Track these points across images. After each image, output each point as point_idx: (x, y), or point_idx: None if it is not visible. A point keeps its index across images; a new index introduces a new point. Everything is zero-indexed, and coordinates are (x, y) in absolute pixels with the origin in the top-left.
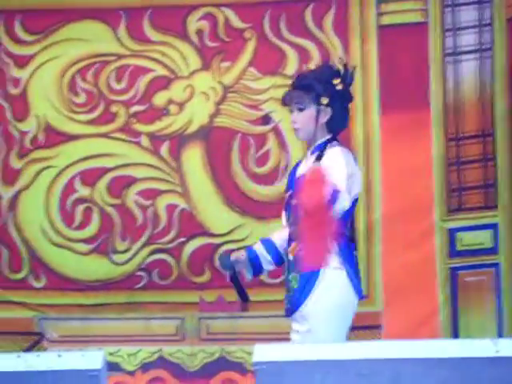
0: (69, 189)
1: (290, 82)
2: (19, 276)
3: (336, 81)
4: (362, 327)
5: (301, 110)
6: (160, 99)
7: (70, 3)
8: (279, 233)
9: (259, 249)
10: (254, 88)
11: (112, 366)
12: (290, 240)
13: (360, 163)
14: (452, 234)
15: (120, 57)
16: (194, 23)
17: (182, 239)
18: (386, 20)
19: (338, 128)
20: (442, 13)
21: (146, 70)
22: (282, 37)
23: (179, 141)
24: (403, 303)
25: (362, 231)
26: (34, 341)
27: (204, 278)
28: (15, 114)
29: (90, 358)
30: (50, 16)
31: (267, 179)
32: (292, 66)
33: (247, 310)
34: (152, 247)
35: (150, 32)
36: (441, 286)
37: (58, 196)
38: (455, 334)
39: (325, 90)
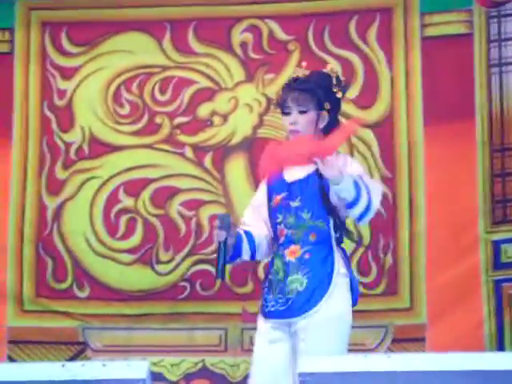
0: (113, 199)
1: None
2: (63, 286)
3: (336, 88)
4: (406, 339)
5: (303, 112)
6: (204, 111)
7: (116, 15)
8: (257, 230)
9: (243, 236)
10: None
11: (155, 376)
12: (289, 242)
13: (404, 174)
14: (496, 246)
15: (164, 68)
16: (238, 35)
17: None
18: (430, 31)
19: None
20: (487, 24)
21: (191, 82)
22: (325, 49)
23: (223, 152)
24: (448, 316)
25: (405, 243)
26: (78, 350)
27: (247, 288)
28: (61, 125)
29: (135, 368)
30: (95, 28)
31: None
32: None
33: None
34: (195, 258)
35: (194, 44)
36: (485, 298)
37: (101, 206)
38: (500, 347)
39: (326, 95)
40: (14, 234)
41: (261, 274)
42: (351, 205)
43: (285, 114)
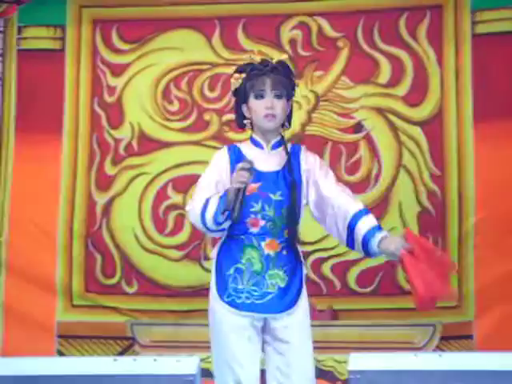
0: (161, 195)
1: (382, 90)
2: (112, 281)
3: (293, 77)
4: (454, 337)
5: (278, 97)
6: None
7: (166, 13)
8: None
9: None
10: (346, 97)
11: (203, 372)
12: (265, 234)
13: (453, 171)
14: None
15: (214, 65)
16: (287, 32)
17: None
18: (481, 29)
19: (288, 126)
20: None
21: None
22: (375, 46)
23: None
24: (496, 313)
25: (454, 241)
26: (126, 345)
27: None
28: (110, 121)
29: (186, 364)
30: (145, 25)
31: (358, 187)
32: (385, 75)
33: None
34: None
35: (243, 41)
36: None
37: (150, 202)
38: None
39: (292, 84)
40: (63, 230)
41: (308, 272)
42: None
43: (256, 97)
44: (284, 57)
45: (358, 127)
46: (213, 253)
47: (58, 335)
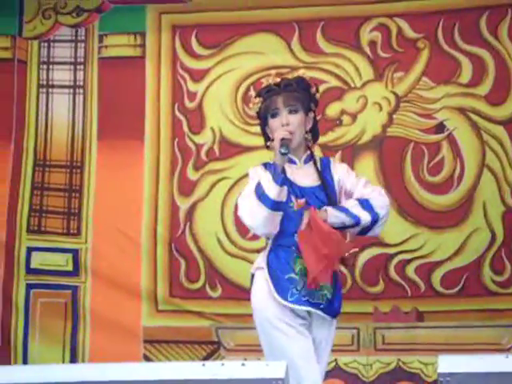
0: None
1: (464, 90)
2: (196, 286)
3: (313, 90)
4: None
5: (293, 112)
6: (333, 110)
7: (244, 17)
8: None
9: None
10: (427, 97)
11: None
12: None
13: None
14: None
15: (293, 69)
16: (366, 34)
17: (356, 249)
18: None
19: (315, 139)
20: None
21: (319, 82)
22: (455, 46)
23: (352, 151)
24: None
25: None
26: (212, 350)
27: (378, 288)
28: (191, 127)
29: (274, 368)
30: (224, 30)
31: (441, 188)
32: (466, 75)
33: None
34: None
35: (322, 44)
36: None
37: (233, 207)
38: None
39: (310, 97)
40: (147, 235)
41: (392, 274)
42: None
43: (272, 116)
44: (301, 72)
45: (439, 128)
46: (258, 262)
47: (144, 340)
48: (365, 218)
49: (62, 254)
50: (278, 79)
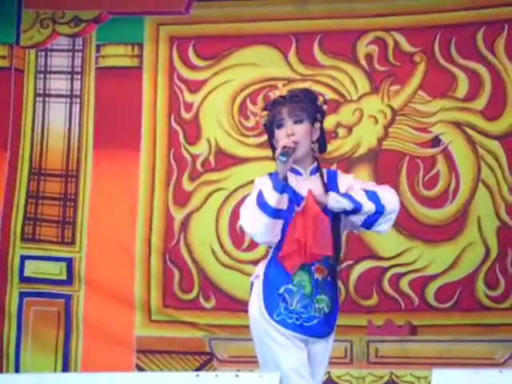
0: (238, 211)
1: (460, 104)
2: (190, 296)
3: (321, 101)
4: None
5: (298, 122)
6: (329, 122)
7: (242, 29)
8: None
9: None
10: (423, 111)
11: None
12: (316, 260)
13: None
14: None
15: (290, 81)
16: (363, 47)
17: (350, 262)
18: None
19: (322, 150)
20: None
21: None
22: (452, 60)
23: (347, 163)
24: None
25: None
26: (205, 360)
27: (372, 301)
28: (188, 137)
29: (267, 379)
30: (222, 42)
31: (436, 202)
32: (462, 89)
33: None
34: None
35: (319, 56)
36: None
37: (227, 218)
38: None
39: (316, 108)
40: (141, 245)
41: (386, 287)
42: (354, 212)
43: (278, 127)
44: (307, 84)
45: (435, 141)
46: (258, 270)
47: (137, 350)
48: (368, 206)
49: (56, 262)
50: (285, 92)
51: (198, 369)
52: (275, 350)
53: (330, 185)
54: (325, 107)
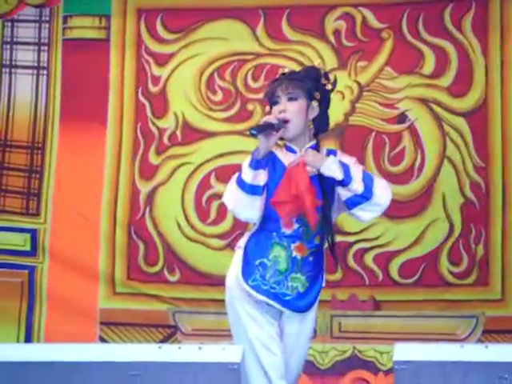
0: (204, 185)
1: (427, 81)
2: (154, 269)
3: (325, 80)
4: (497, 331)
5: (292, 99)
6: None
7: (210, 2)
8: None
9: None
10: (390, 87)
11: None
12: (297, 237)
13: (497, 163)
14: None
15: (258, 56)
16: (331, 23)
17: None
18: None
19: (321, 130)
20: None
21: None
22: (419, 37)
23: None
24: None
25: (498, 233)
26: (168, 333)
27: (336, 276)
28: (154, 111)
29: (230, 352)
30: (190, 15)
31: (402, 178)
32: (429, 66)
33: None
34: None
35: (287, 31)
36: None
37: (193, 192)
38: None
39: (316, 86)
40: (107, 218)
41: (350, 262)
42: (342, 184)
43: (274, 104)
44: (317, 62)
45: (401, 118)
46: (241, 241)
47: (101, 322)
48: (357, 185)
49: (20, 233)
50: (287, 70)
51: (162, 341)
52: (246, 320)
53: None
54: (329, 86)
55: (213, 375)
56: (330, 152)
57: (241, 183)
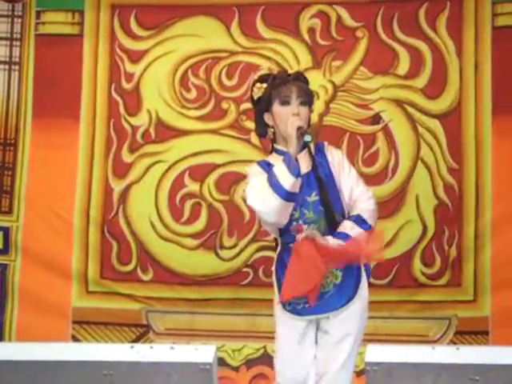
0: (178, 184)
1: (401, 82)
2: (127, 268)
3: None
4: (470, 332)
5: (303, 104)
6: None
7: None
8: None
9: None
10: (364, 87)
11: (218, 361)
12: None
13: (470, 165)
14: None
15: (232, 53)
16: (306, 21)
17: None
18: (501, 21)
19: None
20: None
21: (258, 67)
22: (394, 36)
23: None
24: None
25: (471, 235)
26: (141, 333)
27: None
28: (128, 108)
29: (202, 352)
30: (164, 12)
31: (375, 179)
32: (404, 66)
33: None
34: (259, 244)
35: (262, 29)
36: None
37: (167, 191)
38: None
39: (312, 93)
40: (80, 216)
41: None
42: None
43: (283, 103)
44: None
45: (375, 119)
46: (274, 266)
47: (73, 321)
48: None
49: None
50: (274, 71)
51: (134, 341)
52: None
53: (319, 156)
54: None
55: (185, 375)
56: (318, 144)
57: (278, 189)
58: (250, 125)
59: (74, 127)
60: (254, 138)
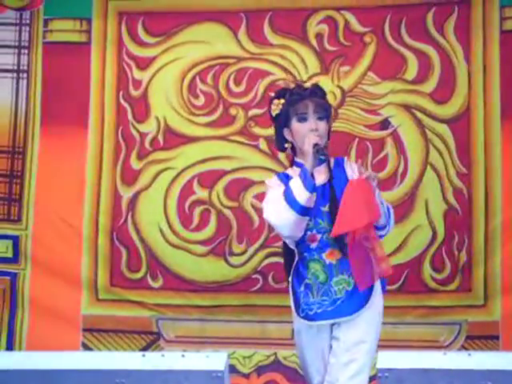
0: (187, 190)
1: (410, 87)
2: (137, 276)
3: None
4: (481, 337)
5: (320, 119)
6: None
7: (192, 5)
8: None
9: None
10: (372, 92)
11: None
12: (325, 246)
13: (480, 170)
14: None
15: (240, 59)
16: (313, 27)
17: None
18: (510, 25)
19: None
20: None
21: (265, 73)
22: (402, 41)
23: None
24: None
25: (481, 240)
26: (151, 340)
27: None
28: (136, 115)
29: (214, 360)
30: (171, 18)
31: (384, 185)
32: (412, 71)
33: None
34: (268, 250)
35: (270, 35)
36: None
37: (176, 197)
38: None
39: (330, 106)
40: (89, 224)
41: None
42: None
43: (300, 120)
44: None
45: (384, 124)
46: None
47: (83, 329)
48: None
49: (2, 240)
50: (292, 84)
51: (145, 348)
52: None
53: (335, 170)
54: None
55: (197, 383)
56: (337, 159)
57: (293, 204)
58: (259, 131)
59: (82, 135)
60: (262, 144)
